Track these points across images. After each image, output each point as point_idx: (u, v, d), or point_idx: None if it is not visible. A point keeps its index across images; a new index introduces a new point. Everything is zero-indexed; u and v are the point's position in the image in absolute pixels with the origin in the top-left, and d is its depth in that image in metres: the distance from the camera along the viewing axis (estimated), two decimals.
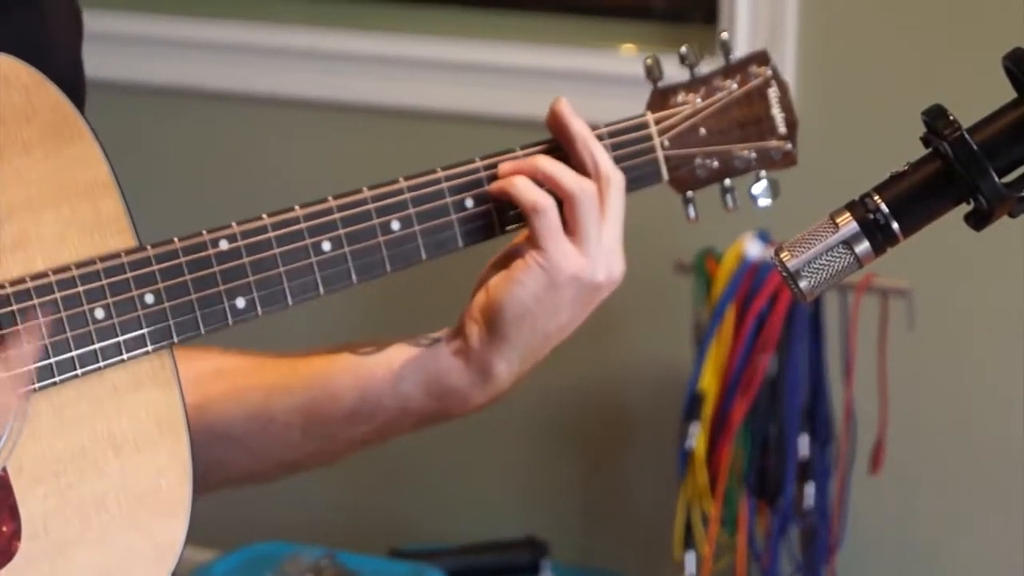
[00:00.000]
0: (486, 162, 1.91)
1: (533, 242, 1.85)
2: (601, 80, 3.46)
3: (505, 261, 1.90)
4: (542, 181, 1.86)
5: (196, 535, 1.81)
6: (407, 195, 1.86)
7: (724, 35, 2.56)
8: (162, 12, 4.29)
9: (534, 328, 1.87)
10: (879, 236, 1.54)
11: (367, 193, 1.85)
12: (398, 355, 1.95)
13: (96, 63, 2.08)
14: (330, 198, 1.84)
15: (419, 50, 4.09)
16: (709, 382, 3.54)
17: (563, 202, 1.85)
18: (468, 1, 4.54)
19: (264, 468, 2.05)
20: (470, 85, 3.92)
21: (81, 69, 1.95)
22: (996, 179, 1.51)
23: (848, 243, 1.54)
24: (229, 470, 1.98)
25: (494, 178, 1.89)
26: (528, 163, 1.89)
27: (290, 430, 1.98)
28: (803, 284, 1.55)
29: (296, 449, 2.01)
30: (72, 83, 1.85)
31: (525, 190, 1.85)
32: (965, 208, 1.53)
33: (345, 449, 2.03)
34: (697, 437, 3.52)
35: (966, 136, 1.51)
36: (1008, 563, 3.64)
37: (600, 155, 1.89)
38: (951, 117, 1.52)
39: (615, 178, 1.88)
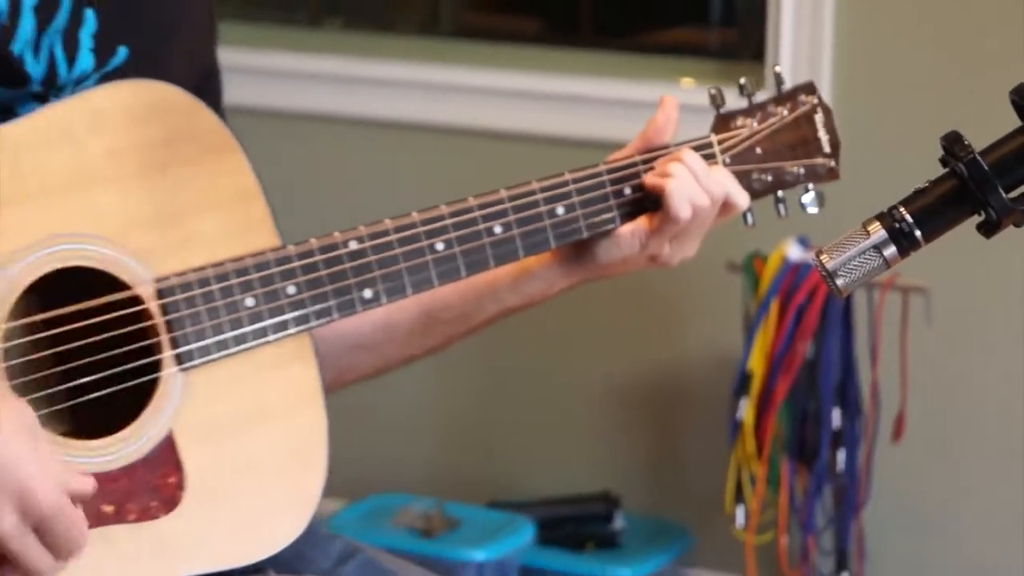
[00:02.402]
0: (574, 175, 1.95)
1: (654, 227, 1.94)
2: (679, 109, 3.50)
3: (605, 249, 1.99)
4: (693, 167, 1.92)
5: (326, 487, 1.87)
6: (508, 204, 1.93)
7: (777, 68, 2.63)
8: (294, 49, 4.28)
9: (614, 267, 2.02)
10: (904, 242, 1.59)
11: (473, 202, 1.92)
12: (496, 271, 2.03)
13: (240, 92, 2.18)
14: (443, 206, 1.90)
15: (512, 82, 4.08)
16: (756, 364, 3.56)
17: (695, 210, 1.92)
18: (553, 41, 4.53)
19: (389, 364, 2.11)
20: (557, 112, 3.92)
21: (220, 89, 2.04)
22: (1003, 195, 1.57)
23: (878, 248, 1.60)
24: (360, 370, 2.05)
25: (575, 191, 1.95)
26: (672, 168, 1.94)
27: (411, 335, 2.07)
28: (840, 282, 1.62)
29: (415, 347, 2.09)
30: (216, 105, 1.96)
31: (675, 190, 1.91)
32: (977, 219, 1.60)
33: (453, 341, 2.12)
34: (746, 410, 3.56)
35: (978, 158, 1.58)
36: (1009, 521, 3.66)
37: (732, 181, 2.00)
38: (965, 142, 1.58)
39: (741, 201, 1.98)
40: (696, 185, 1.91)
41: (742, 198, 1.96)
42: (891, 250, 1.58)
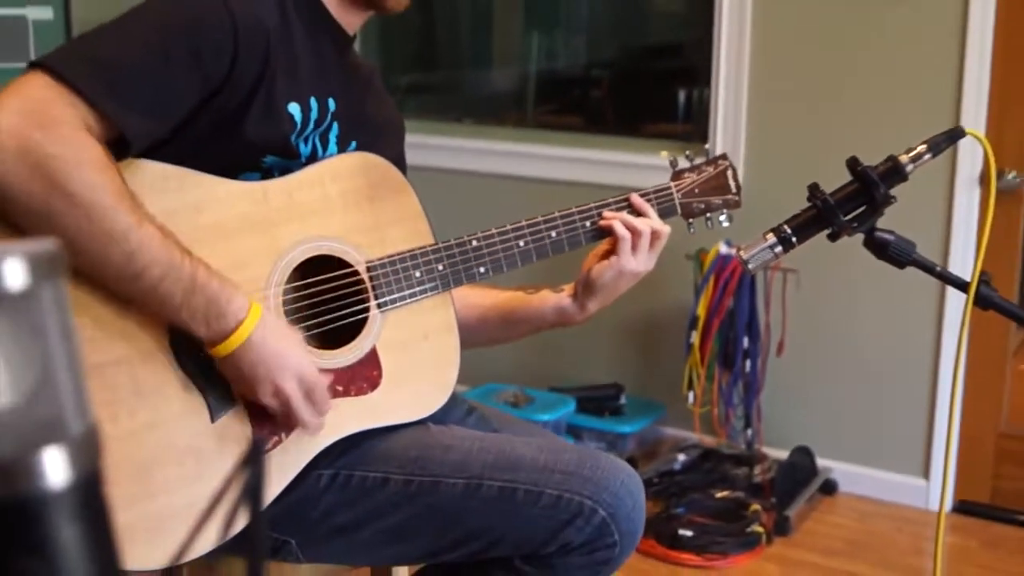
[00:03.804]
0: (598, 205, 1.91)
1: (615, 251, 1.89)
2: (652, 168, 3.33)
3: (596, 258, 1.93)
4: (626, 223, 1.88)
5: (459, 377, 1.88)
6: (559, 220, 1.89)
7: (707, 147, 3.08)
8: (447, 135, 4.37)
9: (608, 290, 1.92)
10: (786, 244, 1.72)
11: (540, 219, 1.88)
12: (544, 297, 2.00)
13: (417, 158, 2.11)
14: (523, 220, 1.88)
15: (565, 153, 4.14)
16: (701, 311, 3.67)
17: (633, 234, 1.88)
18: (588, 129, 4.58)
19: (485, 341, 2.07)
20: (590, 170, 4.00)
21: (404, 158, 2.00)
22: (842, 218, 1.68)
23: (771, 247, 1.72)
24: (469, 342, 1.94)
25: (600, 217, 1.91)
26: (621, 214, 1.90)
27: (495, 330, 2.05)
28: (750, 266, 1.74)
29: (497, 336, 2.07)
30: (401, 165, 1.93)
31: (618, 226, 1.88)
32: (827, 232, 1.71)
33: (517, 338, 2.08)
34: (695, 337, 3.68)
35: (828, 198, 1.69)
36: (839, 396, 3.78)
37: (656, 219, 1.92)
38: (821, 189, 1.70)
39: (664, 231, 1.91)
40: (628, 218, 1.89)
41: (661, 226, 1.91)
42: (779, 248, 1.72)
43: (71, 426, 0.41)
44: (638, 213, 1.91)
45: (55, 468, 0.40)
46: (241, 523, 0.50)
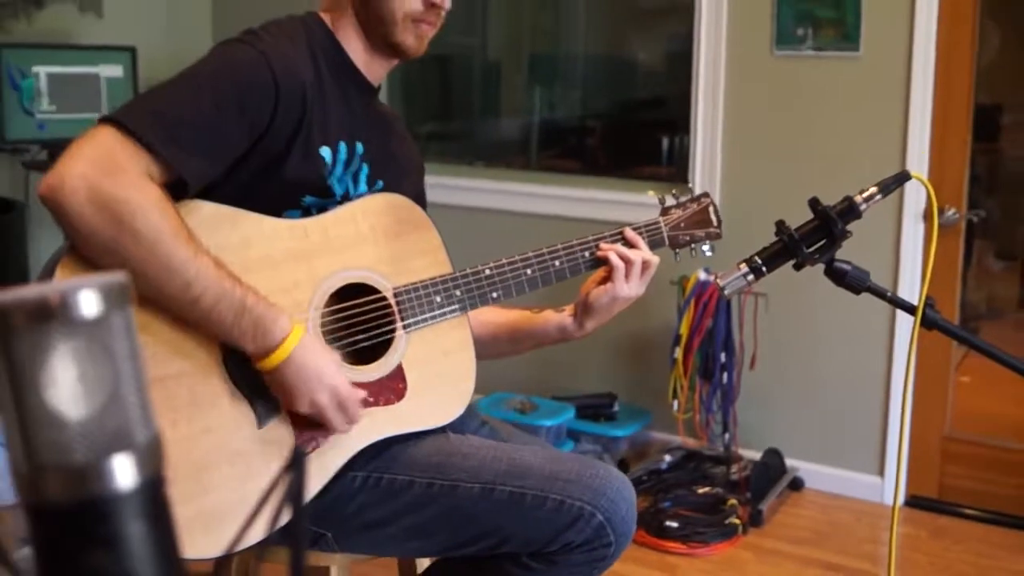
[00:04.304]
0: (596, 238, 1.90)
1: (610, 278, 1.88)
2: (640, 205, 3.29)
3: (594, 283, 1.92)
4: (620, 254, 1.87)
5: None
6: (561, 251, 1.87)
7: (691, 185, 3.12)
8: (461, 176, 4.38)
9: (604, 312, 1.91)
10: (757, 273, 1.72)
11: (545, 250, 1.86)
12: (548, 317, 1.99)
13: (435, 196, 2.11)
14: (530, 252, 1.86)
15: (565, 192, 4.14)
16: (683, 329, 3.65)
17: (627, 264, 1.86)
18: (585, 172, 4.52)
19: (495, 355, 2.04)
20: (586, 207, 3.99)
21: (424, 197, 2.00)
22: (805, 250, 1.68)
23: (744, 275, 1.72)
24: (483, 355, 1.91)
25: (597, 248, 1.89)
26: (616, 246, 1.88)
27: (504, 345, 2.03)
28: (726, 291, 1.75)
29: (506, 351, 2.05)
30: (422, 201, 1.94)
31: (613, 256, 1.87)
32: (792, 262, 1.71)
33: (524, 352, 2.06)
34: (678, 352, 3.66)
35: (793, 233, 1.69)
36: (808, 405, 3.75)
37: (647, 250, 1.90)
38: (787, 224, 1.70)
39: (653, 261, 1.90)
40: (622, 249, 1.88)
41: (651, 257, 1.90)
42: (751, 276, 1.72)
43: (137, 435, 0.41)
44: (631, 245, 1.90)
45: (123, 472, 0.41)
46: (285, 519, 0.50)
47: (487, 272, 1.83)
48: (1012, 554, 3.37)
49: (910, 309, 1.67)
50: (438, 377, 1.83)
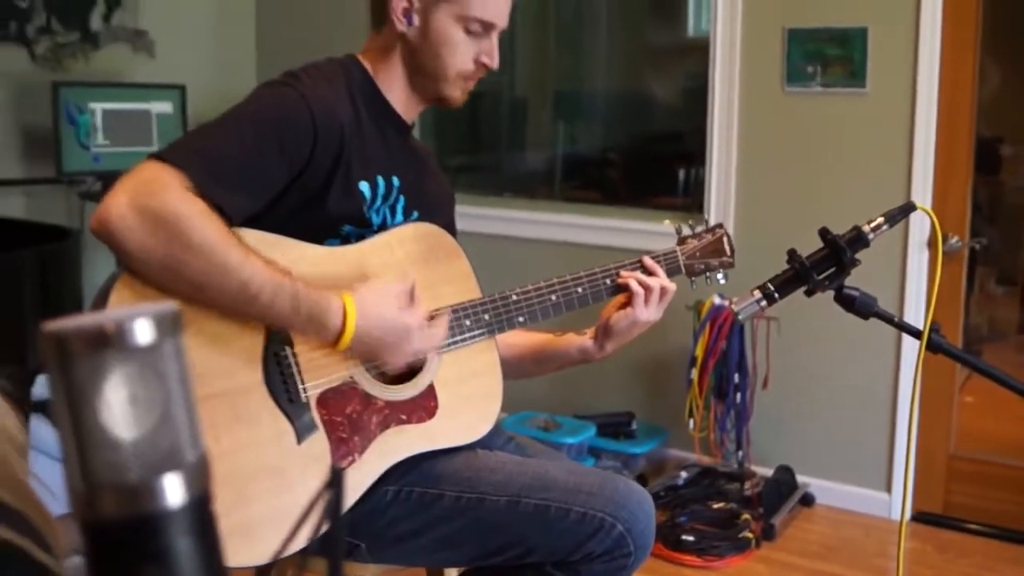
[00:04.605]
0: (616, 266, 1.90)
1: (630, 304, 1.88)
2: (658, 233, 3.39)
3: (614, 308, 1.91)
4: (640, 281, 1.87)
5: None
6: (584, 278, 1.87)
7: (707, 216, 3.14)
8: (489, 207, 4.30)
9: (623, 335, 1.91)
10: (770, 299, 1.71)
11: (568, 277, 1.86)
12: (570, 340, 1.98)
13: (464, 225, 2.08)
14: (554, 279, 1.85)
15: (586, 221, 4.08)
16: (699, 352, 3.60)
17: (646, 290, 1.86)
18: (605, 201, 4.54)
19: (521, 375, 2.02)
20: (606, 235, 3.96)
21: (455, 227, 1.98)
22: (816, 277, 1.67)
23: (758, 301, 1.71)
24: (509, 375, 1.91)
25: (617, 275, 1.89)
26: (636, 273, 1.88)
27: (529, 366, 2.02)
28: (740, 316, 1.74)
29: (530, 371, 2.03)
30: (452, 229, 1.92)
31: (633, 283, 1.87)
32: (803, 288, 1.70)
33: (547, 372, 2.05)
34: (694, 373, 3.61)
35: (804, 261, 1.68)
36: (816, 422, 3.72)
37: (664, 277, 1.90)
38: (799, 253, 1.69)
39: (671, 288, 1.89)
40: (641, 276, 1.89)
41: (669, 284, 1.90)
42: (764, 302, 1.71)
43: (186, 455, 0.42)
44: (650, 272, 1.90)
45: (173, 491, 0.41)
46: (324, 530, 0.50)
47: (514, 298, 1.83)
48: (1015, 567, 3.33)
49: (916, 334, 1.67)
50: (468, 397, 1.82)
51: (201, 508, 0.42)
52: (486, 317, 1.81)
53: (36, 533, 0.58)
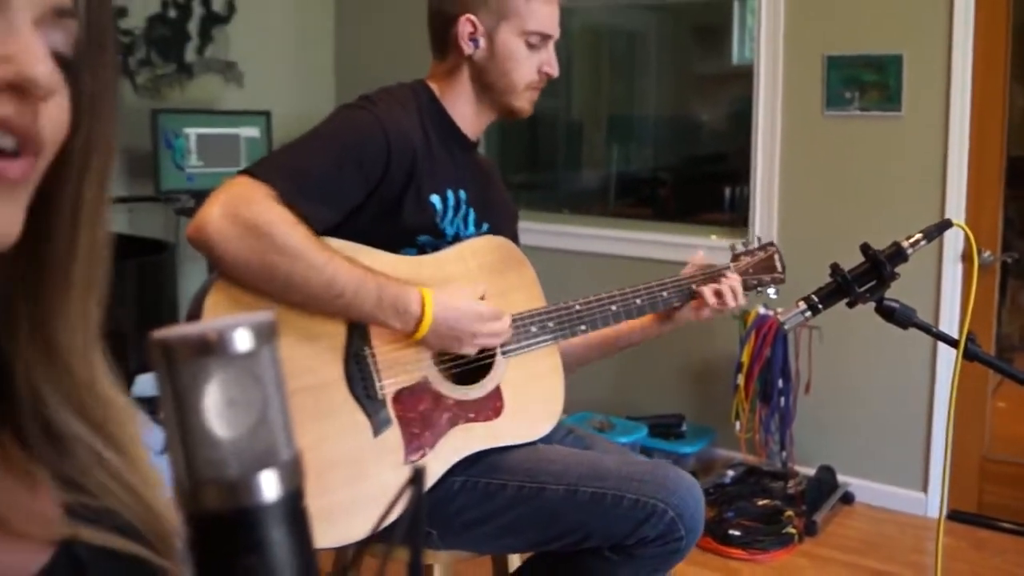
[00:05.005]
0: (672, 280, 1.91)
1: (700, 309, 1.91)
2: (705, 247, 2.70)
3: (688, 312, 1.93)
4: (719, 291, 1.89)
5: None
6: (643, 290, 1.87)
7: (751, 230, 3.13)
8: (548, 223, 4.26)
9: (679, 325, 1.95)
10: (815, 310, 1.70)
11: (628, 289, 1.86)
12: (632, 325, 1.96)
13: (527, 240, 2.07)
14: (615, 290, 1.86)
15: (640, 236, 4.04)
16: (745, 358, 3.56)
17: (719, 296, 1.89)
18: (656, 217, 4.57)
19: (586, 362, 2.00)
20: (657, 249, 3.89)
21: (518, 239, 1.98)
22: (857, 290, 1.66)
23: (803, 312, 1.70)
24: (576, 363, 1.95)
25: (683, 286, 1.90)
26: (710, 285, 1.90)
27: (595, 352, 1.99)
28: (786, 327, 1.72)
29: (595, 358, 2.01)
30: (516, 241, 1.93)
31: (707, 292, 1.89)
32: (846, 300, 1.69)
33: (609, 356, 2.04)
34: (740, 378, 3.56)
35: (846, 274, 1.66)
36: (854, 424, 3.66)
37: (740, 291, 1.92)
38: (841, 267, 1.67)
39: (737, 282, 1.93)
40: (732, 283, 1.91)
41: (742, 297, 1.93)
42: (808, 313, 1.70)
43: (281, 453, 0.42)
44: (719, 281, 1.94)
45: (269, 486, 0.41)
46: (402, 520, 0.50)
47: (576, 307, 1.83)
48: None
49: (953, 343, 1.64)
50: (531, 398, 1.82)
51: (295, 502, 0.42)
52: (550, 324, 1.81)
53: (156, 544, 0.58)
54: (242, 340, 0.41)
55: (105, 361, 0.60)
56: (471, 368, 1.77)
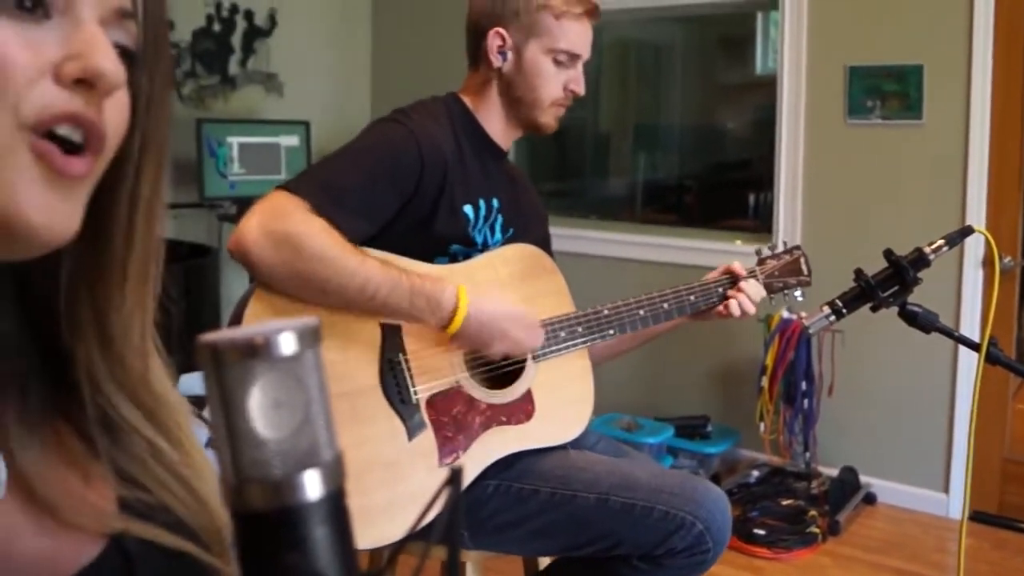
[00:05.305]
0: (700, 284, 1.90)
1: (728, 311, 1.89)
2: (731, 252, 3.34)
3: (707, 313, 1.91)
4: (729, 302, 1.88)
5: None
6: (670, 295, 1.86)
7: (775, 235, 3.09)
8: (578, 228, 4.20)
9: (707, 320, 1.92)
10: (839, 314, 1.68)
11: (656, 295, 1.85)
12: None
13: (556, 246, 2.05)
14: (642, 296, 1.84)
15: (665, 241, 4.03)
16: (769, 361, 3.53)
17: (743, 304, 1.88)
18: (681, 223, 4.49)
19: (612, 356, 1.97)
20: (683, 254, 3.88)
21: (550, 245, 1.98)
22: (881, 295, 1.63)
23: (827, 316, 1.67)
24: (605, 357, 1.93)
25: (710, 291, 1.89)
26: (737, 292, 1.90)
27: (627, 343, 1.93)
28: (811, 330, 1.71)
29: (628, 349, 1.98)
30: (547, 245, 1.95)
31: (733, 304, 1.89)
32: (869, 305, 1.67)
33: (640, 346, 1.99)
34: (765, 380, 3.53)
35: (869, 279, 1.64)
36: (875, 426, 3.62)
37: (749, 304, 1.90)
38: (865, 272, 1.65)
39: (754, 291, 1.92)
40: (741, 297, 1.89)
41: (751, 307, 1.91)
42: (832, 317, 1.68)
43: (324, 453, 0.42)
44: (740, 290, 1.93)
45: (313, 485, 0.41)
46: (439, 519, 0.50)
47: (605, 312, 1.81)
48: None
49: (975, 347, 1.61)
50: (562, 401, 1.81)
51: (337, 501, 0.42)
52: (579, 329, 1.79)
53: (206, 540, 0.58)
54: (287, 343, 0.41)
55: (159, 356, 0.61)
56: (502, 373, 1.76)
